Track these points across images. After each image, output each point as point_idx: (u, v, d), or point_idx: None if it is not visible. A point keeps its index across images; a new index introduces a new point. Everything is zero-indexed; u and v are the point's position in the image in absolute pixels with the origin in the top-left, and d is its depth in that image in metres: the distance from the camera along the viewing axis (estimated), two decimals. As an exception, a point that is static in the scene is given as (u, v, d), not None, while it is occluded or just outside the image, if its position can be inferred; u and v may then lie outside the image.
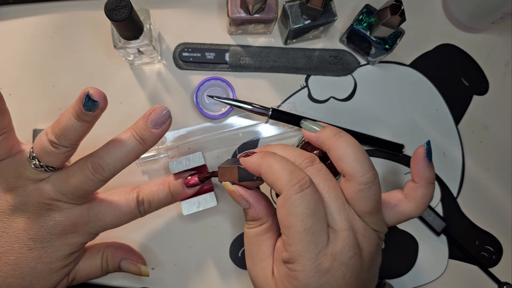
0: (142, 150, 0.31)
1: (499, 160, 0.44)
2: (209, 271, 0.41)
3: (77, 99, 0.28)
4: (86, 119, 0.29)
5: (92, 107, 0.28)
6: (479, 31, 0.44)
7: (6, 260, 0.31)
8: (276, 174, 0.28)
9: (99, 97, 0.28)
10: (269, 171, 0.28)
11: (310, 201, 0.27)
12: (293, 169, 0.28)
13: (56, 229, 0.32)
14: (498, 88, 0.44)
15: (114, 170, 0.31)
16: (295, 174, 0.27)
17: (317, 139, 0.31)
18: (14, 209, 0.31)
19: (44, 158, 0.30)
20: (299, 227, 0.27)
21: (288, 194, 0.27)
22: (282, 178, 0.27)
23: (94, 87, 0.28)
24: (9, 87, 0.41)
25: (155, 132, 0.31)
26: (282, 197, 0.28)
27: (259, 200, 0.31)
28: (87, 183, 0.31)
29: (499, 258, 0.43)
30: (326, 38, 0.44)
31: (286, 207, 0.27)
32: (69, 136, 0.29)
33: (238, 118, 0.42)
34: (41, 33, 0.42)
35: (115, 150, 0.30)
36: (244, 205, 0.32)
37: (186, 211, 0.38)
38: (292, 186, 0.27)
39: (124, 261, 0.37)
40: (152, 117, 0.31)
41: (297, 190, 0.27)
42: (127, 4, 0.31)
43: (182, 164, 0.38)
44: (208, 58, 0.42)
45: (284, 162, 0.28)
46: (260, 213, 0.31)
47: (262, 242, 0.31)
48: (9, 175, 0.31)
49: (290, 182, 0.27)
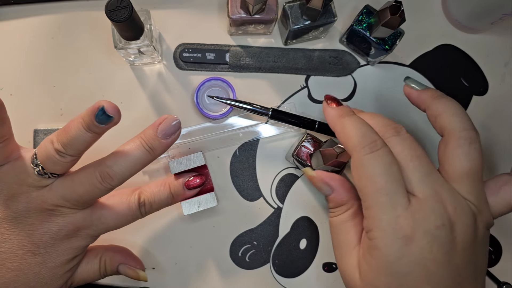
0: (151, 159, 0.31)
1: (500, 160, 0.44)
2: (209, 271, 0.41)
3: (88, 110, 0.28)
4: (97, 131, 0.29)
5: (106, 121, 0.28)
6: (479, 32, 0.44)
7: (10, 266, 0.30)
8: (348, 135, 0.27)
9: (114, 111, 0.28)
10: (342, 132, 0.28)
11: (382, 162, 0.26)
12: (366, 132, 0.27)
13: (60, 234, 0.31)
14: (497, 88, 0.44)
15: (123, 179, 0.31)
16: (366, 136, 0.27)
17: (419, 96, 0.30)
18: (16, 215, 0.30)
19: (49, 166, 0.29)
20: (371, 188, 0.26)
21: (359, 156, 0.27)
22: (354, 139, 0.27)
23: (108, 101, 0.28)
24: (10, 87, 0.42)
25: (164, 142, 0.31)
26: (353, 159, 0.27)
27: (342, 184, 0.30)
28: (94, 192, 0.30)
29: (499, 258, 0.43)
30: (326, 39, 0.44)
31: (357, 169, 0.27)
32: (76, 146, 0.29)
33: (238, 118, 0.42)
34: (42, 33, 0.42)
35: (123, 160, 0.30)
36: (326, 191, 0.30)
37: (186, 211, 0.38)
38: (362, 148, 0.26)
39: (123, 266, 0.36)
40: (162, 127, 0.31)
41: (367, 151, 0.26)
42: (127, 4, 0.32)
43: (182, 164, 0.38)
44: (208, 58, 0.42)
45: (358, 124, 0.28)
46: (344, 197, 0.30)
47: (350, 229, 0.29)
48: (10, 181, 0.30)
49: (360, 143, 0.27)
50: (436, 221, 0.25)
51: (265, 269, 0.42)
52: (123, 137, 0.38)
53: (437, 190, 0.26)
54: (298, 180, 0.42)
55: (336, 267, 0.42)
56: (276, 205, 0.42)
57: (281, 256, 0.42)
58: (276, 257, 0.42)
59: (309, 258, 0.42)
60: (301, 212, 0.42)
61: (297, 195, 0.42)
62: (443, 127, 0.28)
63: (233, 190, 0.42)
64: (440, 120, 0.28)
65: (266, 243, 0.42)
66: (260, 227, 0.42)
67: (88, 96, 0.42)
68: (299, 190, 0.42)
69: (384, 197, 0.25)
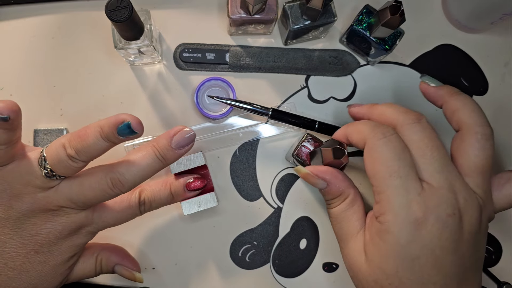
0: (162, 168, 0.31)
1: (500, 160, 0.44)
2: (209, 271, 0.41)
3: (109, 122, 0.28)
4: (115, 142, 0.29)
5: (129, 135, 0.28)
6: (479, 32, 0.44)
7: (13, 265, 0.31)
8: (359, 129, 0.29)
9: (139, 128, 0.28)
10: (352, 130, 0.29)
11: (395, 146, 0.27)
12: (376, 124, 0.29)
13: (63, 233, 0.31)
14: (497, 88, 0.44)
15: (133, 186, 0.31)
16: (377, 126, 0.28)
17: (436, 92, 0.31)
18: (20, 215, 0.30)
19: (59, 170, 0.29)
20: (385, 172, 0.26)
21: (372, 141, 0.27)
22: (365, 130, 0.28)
23: (133, 116, 0.28)
24: (10, 87, 0.42)
25: (177, 153, 0.31)
26: (366, 147, 0.28)
27: (336, 175, 0.31)
28: (103, 197, 0.31)
29: (499, 258, 0.43)
30: (326, 39, 0.44)
31: (371, 155, 0.27)
32: (90, 153, 0.29)
33: (238, 118, 0.42)
34: (42, 33, 0.42)
35: (136, 168, 0.30)
36: (321, 185, 0.31)
37: (186, 211, 0.38)
38: (375, 134, 0.27)
39: (118, 266, 0.36)
40: (176, 138, 0.31)
41: (380, 137, 0.27)
42: (127, 4, 0.32)
43: (182, 164, 0.38)
44: (208, 58, 0.42)
45: (366, 121, 0.29)
46: (340, 187, 0.30)
47: (351, 215, 0.30)
48: (14, 181, 0.30)
49: (372, 131, 0.28)
50: (448, 210, 0.26)
51: (265, 269, 0.42)
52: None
53: (451, 181, 0.27)
54: (298, 180, 0.42)
55: (336, 267, 0.42)
56: (276, 205, 0.42)
57: (281, 256, 0.42)
58: (276, 257, 0.42)
59: (309, 258, 0.42)
60: (301, 212, 0.42)
61: (297, 195, 0.42)
62: (461, 121, 0.28)
63: (233, 190, 0.42)
64: (458, 115, 0.29)
65: (266, 243, 0.42)
66: (260, 227, 0.42)
67: (88, 96, 0.42)
68: (299, 190, 0.42)
69: (398, 180, 0.26)
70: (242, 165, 0.42)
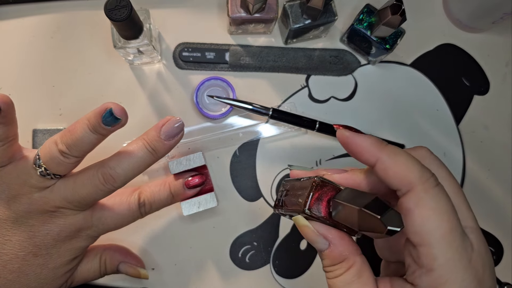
0: (153, 161, 0.31)
1: (500, 160, 0.44)
2: (209, 272, 0.41)
3: (95, 112, 0.28)
4: (103, 133, 0.29)
5: (113, 123, 0.28)
6: (480, 31, 0.44)
7: (11, 268, 0.30)
8: (405, 167, 0.23)
9: (121, 113, 0.28)
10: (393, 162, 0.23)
11: (448, 197, 0.22)
12: (423, 165, 0.23)
13: (61, 235, 0.31)
14: (498, 88, 0.44)
15: (125, 180, 0.31)
16: (426, 168, 0.23)
17: None
18: (18, 217, 0.30)
19: (53, 167, 0.29)
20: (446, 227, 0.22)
21: (425, 188, 0.22)
22: (414, 170, 0.22)
23: (116, 103, 0.28)
24: (9, 87, 0.41)
25: (167, 144, 0.31)
26: (415, 195, 0.22)
27: (341, 236, 0.25)
28: (96, 193, 0.30)
29: (500, 258, 0.43)
30: (327, 38, 0.43)
31: (425, 205, 0.22)
32: (81, 147, 0.29)
33: (238, 118, 0.42)
34: (41, 33, 0.42)
35: (126, 161, 0.30)
36: (321, 245, 0.25)
37: (186, 211, 0.38)
38: (427, 179, 0.22)
39: (123, 264, 0.36)
40: (165, 129, 0.31)
41: (434, 183, 0.22)
42: (127, 3, 0.31)
43: (182, 164, 0.37)
44: (208, 58, 0.42)
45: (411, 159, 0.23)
46: (344, 251, 0.24)
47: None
48: (12, 182, 0.30)
49: (424, 175, 0.22)
50: (491, 268, 0.23)
51: (265, 269, 0.42)
52: (122, 136, 0.38)
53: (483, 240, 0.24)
54: (298, 180, 0.42)
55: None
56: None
57: (281, 257, 0.42)
58: (276, 258, 0.42)
59: (310, 259, 0.42)
60: (302, 212, 0.42)
61: (298, 195, 0.42)
62: None
63: (233, 190, 0.42)
64: None
65: (266, 243, 0.42)
66: (260, 227, 0.42)
67: (87, 96, 0.42)
68: (299, 190, 0.42)
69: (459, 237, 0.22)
70: (242, 165, 0.42)
